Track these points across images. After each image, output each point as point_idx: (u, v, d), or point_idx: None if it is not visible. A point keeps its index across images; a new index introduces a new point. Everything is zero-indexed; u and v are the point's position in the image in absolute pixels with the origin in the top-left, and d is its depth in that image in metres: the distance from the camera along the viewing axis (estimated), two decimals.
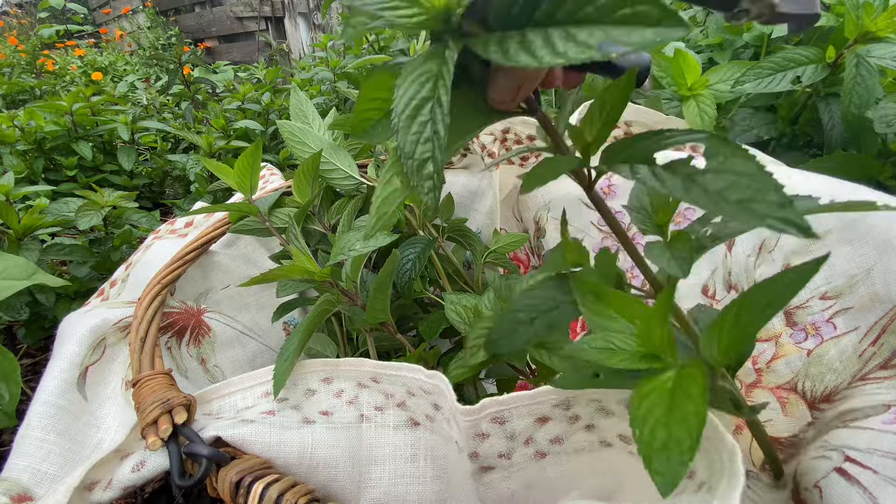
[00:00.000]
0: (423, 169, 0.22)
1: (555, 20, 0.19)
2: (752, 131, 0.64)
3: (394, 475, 0.35)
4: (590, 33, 0.18)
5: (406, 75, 0.22)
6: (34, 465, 0.33)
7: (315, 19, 3.66)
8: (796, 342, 0.44)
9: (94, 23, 4.87)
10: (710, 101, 0.61)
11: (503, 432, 0.32)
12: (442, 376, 0.33)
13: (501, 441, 0.32)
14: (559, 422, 0.32)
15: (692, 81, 0.62)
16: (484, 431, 0.32)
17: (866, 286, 0.41)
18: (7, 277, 0.41)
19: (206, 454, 0.31)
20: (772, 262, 0.46)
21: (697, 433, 0.20)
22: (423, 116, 0.22)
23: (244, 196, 0.52)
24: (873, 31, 0.52)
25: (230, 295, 0.57)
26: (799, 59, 0.57)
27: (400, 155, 0.23)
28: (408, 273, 0.47)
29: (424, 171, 0.22)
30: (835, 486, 0.30)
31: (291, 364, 0.36)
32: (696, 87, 0.62)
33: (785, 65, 0.57)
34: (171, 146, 1.35)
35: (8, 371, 0.41)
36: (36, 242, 0.69)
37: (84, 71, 2.26)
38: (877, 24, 0.52)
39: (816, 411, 0.41)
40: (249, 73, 2.07)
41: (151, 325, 0.41)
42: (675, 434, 0.20)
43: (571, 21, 0.18)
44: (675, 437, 0.20)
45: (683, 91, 0.62)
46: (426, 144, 0.22)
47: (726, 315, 0.23)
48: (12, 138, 1.01)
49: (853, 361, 0.40)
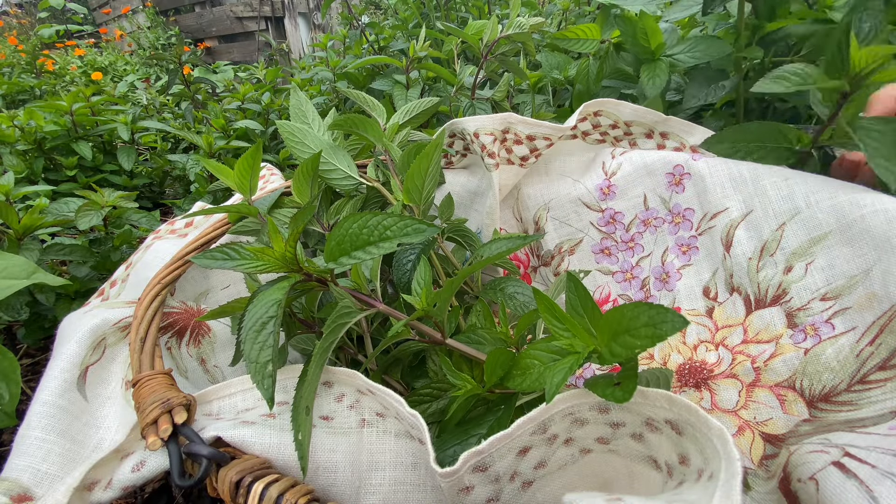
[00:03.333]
0: (265, 369, 0.31)
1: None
2: (702, 93, 0.66)
3: (394, 482, 0.35)
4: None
5: (257, 300, 0.33)
6: (34, 465, 0.33)
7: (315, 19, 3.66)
8: (795, 343, 0.44)
9: (94, 23, 4.87)
10: (664, 68, 0.63)
11: (487, 478, 0.30)
12: (422, 422, 0.31)
13: (487, 487, 0.31)
14: (539, 447, 0.31)
15: (655, 45, 0.64)
16: (467, 485, 0.30)
17: (865, 286, 0.41)
18: (7, 276, 0.41)
19: (206, 454, 0.31)
20: (774, 265, 0.46)
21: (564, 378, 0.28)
22: (266, 330, 0.32)
23: (244, 197, 0.52)
24: None
25: (230, 295, 0.57)
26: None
27: (245, 359, 0.32)
28: (407, 274, 0.47)
29: (266, 370, 0.31)
30: (832, 478, 0.30)
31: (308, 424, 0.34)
32: (657, 52, 0.64)
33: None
34: (171, 146, 1.35)
35: (8, 371, 0.41)
36: (36, 242, 0.69)
37: (84, 71, 2.26)
38: None
39: (815, 410, 0.41)
40: (249, 73, 2.07)
41: (151, 325, 0.41)
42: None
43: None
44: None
45: (645, 55, 0.65)
46: (267, 351, 0.31)
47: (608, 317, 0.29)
48: (12, 138, 1.01)
49: (850, 361, 0.40)
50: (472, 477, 0.30)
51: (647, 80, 0.63)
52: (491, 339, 0.39)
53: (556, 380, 0.29)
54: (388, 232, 0.34)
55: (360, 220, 0.34)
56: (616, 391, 0.27)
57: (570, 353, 0.30)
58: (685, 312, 0.51)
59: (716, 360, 0.48)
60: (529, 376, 0.31)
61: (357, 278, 0.38)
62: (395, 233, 0.34)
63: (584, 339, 0.29)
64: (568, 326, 0.30)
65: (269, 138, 1.24)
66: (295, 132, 0.52)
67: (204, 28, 3.85)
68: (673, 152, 0.57)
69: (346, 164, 0.52)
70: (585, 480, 0.33)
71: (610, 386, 0.28)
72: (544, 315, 0.31)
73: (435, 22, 1.27)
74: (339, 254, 0.35)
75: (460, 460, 0.29)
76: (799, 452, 0.34)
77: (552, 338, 0.31)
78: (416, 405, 0.39)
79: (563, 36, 0.71)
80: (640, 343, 0.26)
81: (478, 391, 0.36)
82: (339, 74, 1.23)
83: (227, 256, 0.36)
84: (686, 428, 0.26)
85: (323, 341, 0.34)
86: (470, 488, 0.30)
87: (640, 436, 0.30)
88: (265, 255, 0.35)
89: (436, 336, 0.39)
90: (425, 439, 0.30)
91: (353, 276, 0.39)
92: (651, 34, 0.63)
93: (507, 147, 0.61)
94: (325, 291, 0.45)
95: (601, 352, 0.29)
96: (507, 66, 0.77)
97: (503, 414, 0.34)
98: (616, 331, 0.28)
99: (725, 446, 0.23)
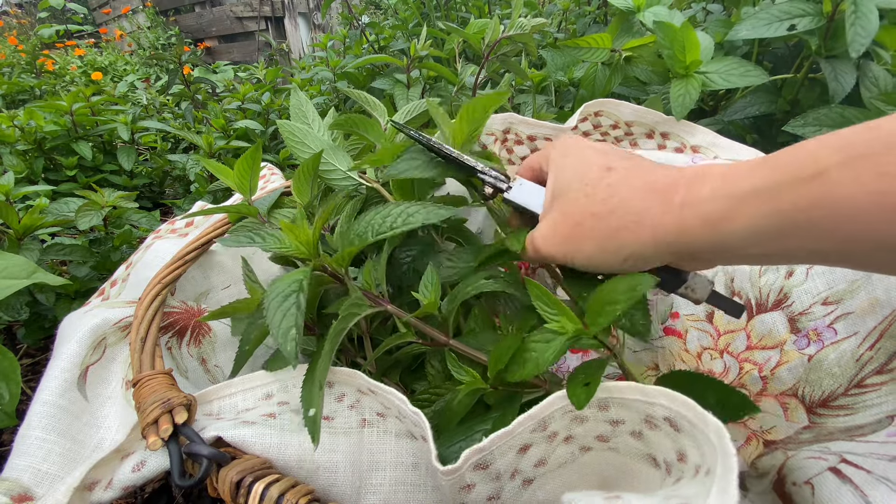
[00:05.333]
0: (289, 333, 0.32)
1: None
2: (754, 107, 0.65)
3: (395, 482, 0.35)
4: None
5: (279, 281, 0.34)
6: (34, 465, 0.33)
7: (315, 19, 3.66)
8: (799, 348, 0.44)
9: (94, 23, 4.87)
10: (696, 86, 0.60)
11: (488, 476, 0.31)
12: (424, 420, 0.31)
13: (488, 485, 0.31)
14: (539, 444, 0.31)
15: (690, 60, 0.61)
16: (468, 482, 0.30)
17: (867, 291, 0.41)
18: (7, 276, 0.41)
19: (206, 454, 0.31)
20: (776, 269, 0.46)
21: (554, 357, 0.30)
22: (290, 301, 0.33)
23: (244, 197, 0.52)
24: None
25: (231, 295, 0.57)
26: (795, 11, 0.58)
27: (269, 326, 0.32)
28: (406, 270, 0.47)
29: (290, 334, 0.31)
30: (827, 483, 0.30)
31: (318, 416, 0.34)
32: (692, 68, 0.61)
33: (781, 16, 0.58)
34: (171, 146, 1.35)
35: (8, 371, 0.41)
36: (36, 242, 0.69)
37: (84, 71, 2.26)
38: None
39: (814, 415, 0.41)
40: (249, 73, 2.07)
41: (152, 325, 0.41)
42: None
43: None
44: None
45: (679, 69, 0.62)
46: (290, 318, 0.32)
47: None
48: (12, 138, 1.01)
49: (851, 366, 0.40)
50: (473, 475, 0.30)
51: (676, 97, 0.60)
52: (492, 341, 0.39)
53: (546, 355, 0.30)
54: (411, 218, 0.36)
55: (384, 211, 0.36)
56: (580, 391, 0.28)
57: (561, 333, 0.31)
58: (684, 317, 0.51)
59: (723, 369, 0.47)
60: (528, 366, 0.32)
61: (368, 278, 0.39)
62: (417, 219, 0.36)
63: (573, 321, 0.31)
64: (558, 311, 0.31)
65: (270, 138, 1.24)
66: (295, 132, 0.52)
67: (204, 28, 3.85)
68: (673, 154, 0.57)
69: (345, 165, 0.52)
70: (585, 478, 0.33)
71: (580, 386, 0.28)
72: (536, 302, 0.32)
73: (435, 22, 1.27)
74: (358, 242, 0.36)
75: (462, 457, 0.29)
76: (796, 458, 0.34)
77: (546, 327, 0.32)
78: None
79: (574, 44, 0.70)
80: (620, 306, 0.28)
81: (481, 385, 0.36)
82: (339, 74, 1.23)
83: (251, 239, 0.38)
84: (684, 424, 0.26)
85: (338, 324, 0.34)
86: (471, 486, 0.30)
87: (640, 433, 0.30)
88: (292, 235, 0.36)
89: (440, 337, 0.39)
90: (428, 437, 0.30)
91: (364, 276, 0.39)
92: (689, 48, 0.60)
93: (507, 147, 0.61)
94: (328, 291, 0.46)
95: (588, 327, 0.30)
96: (508, 66, 0.77)
97: (506, 411, 0.34)
98: (602, 304, 0.30)
99: (722, 442, 0.23)
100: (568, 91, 0.94)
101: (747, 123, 0.72)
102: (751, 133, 0.73)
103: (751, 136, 0.73)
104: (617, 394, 0.29)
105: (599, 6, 1.15)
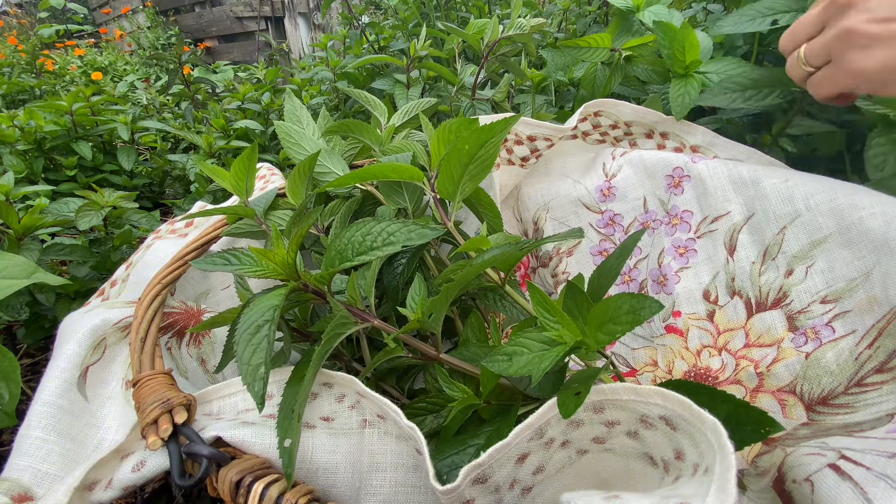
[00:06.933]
0: (257, 371, 0.30)
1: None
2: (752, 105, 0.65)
3: (395, 483, 0.34)
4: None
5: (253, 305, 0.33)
6: (34, 465, 0.33)
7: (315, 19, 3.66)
8: (797, 346, 0.44)
9: (94, 23, 4.87)
10: (696, 86, 0.60)
11: (487, 489, 0.30)
12: (420, 436, 0.31)
13: (487, 498, 0.30)
14: (537, 452, 0.31)
15: (690, 60, 0.61)
16: (468, 498, 0.30)
17: (865, 289, 0.41)
18: (7, 276, 0.42)
19: (206, 454, 0.31)
20: (776, 268, 0.47)
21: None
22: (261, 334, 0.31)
23: (240, 198, 0.52)
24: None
25: (230, 295, 0.57)
26: (779, 7, 0.58)
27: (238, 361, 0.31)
28: (398, 278, 0.46)
29: (258, 373, 0.30)
30: (827, 479, 0.30)
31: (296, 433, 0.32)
32: (691, 67, 0.61)
33: (765, 11, 0.58)
34: (171, 146, 1.35)
35: (8, 371, 0.41)
36: (36, 242, 0.69)
37: (84, 71, 2.26)
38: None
39: (813, 413, 0.41)
40: (249, 73, 2.07)
41: (152, 325, 0.41)
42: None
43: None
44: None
45: (678, 68, 0.62)
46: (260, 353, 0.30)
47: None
48: (12, 138, 1.01)
49: (849, 364, 0.41)
50: (472, 490, 0.30)
51: (676, 97, 0.60)
52: (483, 354, 0.38)
53: (542, 365, 0.30)
54: (391, 238, 0.34)
55: (364, 228, 0.35)
56: (570, 401, 0.27)
57: (559, 343, 0.31)
58: (686, 316, 0.51)
59: (720, 365, 0.48)
60: (516, 362, 0.31)
61: (353, 293, 0.38)
62: (398, 238, 0.34)
63: (573, 331, 0.30)
64: (558, 319, 0.31)
65: (269, 138, 1.24)
66: (291, 133, 0.52)
67: (204, 28, 3.85)
68: (673, 153, 0.57)
69: (340, 168, 0.52)
70: (583, 481, 0.33)
71: (571, 395, 0.28)
72: (536, 308, 0.31)
73: (435, 22, 1.27)
74: (339, 262, 0.35)
75: (460, 475, 0.28)
76: (795, 454, 0.34)
77: (541, 329, 0.32)
78: (412, 417, 0.39)
79: (574, 44, 0.70)
80: (621, 328, 0.28)
81: (474, 401, 0.36)
82: (339, 74, 1.23)
83: (227, 261, 0.36)
84: (680, 423, 0.27)
85: (320, 349, 0.33)
86: (470, 501, 0.30)
87: (636, 433, 0.30)
88: (266, 259, 0.35)
89: (429, 352, 0.38)
90: (423, 452, 0.30)
91: (349, 291, 0.38)
92: (689, 48, 0.60)
93: (507, 147, 0.61)
94: (317, 305, 0.45)
95: (588, 342, 0.30)
96: (507, 66, 0.78)
97: (501, 424, 0.34)
98: (602, 321, 0.29)
99: (719, 439, 0.23)
100: (568, 91, 0.94)
101: (746, 122, 0.72)
102: (750, 133, 0.73)
103: (750, 135, 0.73)
104: (611, 395, 0.29)
105: (600, 6, 1.15)
